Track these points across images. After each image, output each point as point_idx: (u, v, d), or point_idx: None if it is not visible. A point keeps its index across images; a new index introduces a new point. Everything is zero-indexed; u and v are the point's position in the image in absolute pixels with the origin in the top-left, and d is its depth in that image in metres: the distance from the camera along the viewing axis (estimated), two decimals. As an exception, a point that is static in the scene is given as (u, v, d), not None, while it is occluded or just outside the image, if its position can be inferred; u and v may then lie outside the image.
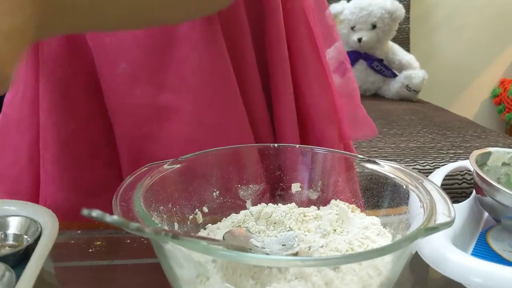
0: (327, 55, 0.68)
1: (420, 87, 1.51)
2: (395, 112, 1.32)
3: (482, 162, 0.57)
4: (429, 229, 0.36)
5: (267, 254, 0.41)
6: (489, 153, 0.57)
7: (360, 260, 0.33)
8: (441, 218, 0.38)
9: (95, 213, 0.23)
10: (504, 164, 0.58)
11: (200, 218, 0.48)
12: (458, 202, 0.97)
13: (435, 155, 0.98)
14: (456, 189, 0.93)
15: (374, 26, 1.49)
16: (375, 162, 0.48)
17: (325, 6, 0.65)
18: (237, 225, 0.47)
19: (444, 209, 0.39)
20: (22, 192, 0.65)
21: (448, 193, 0.87)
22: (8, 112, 0.67)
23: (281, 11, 0.59)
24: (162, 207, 0.44)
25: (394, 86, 1.53)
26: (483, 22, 1.92)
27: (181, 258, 0.34)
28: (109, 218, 0.23)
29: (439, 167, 0.93)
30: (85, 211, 0.23)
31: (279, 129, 0.63)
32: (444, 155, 0.98)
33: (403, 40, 1.70)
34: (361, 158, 0.49)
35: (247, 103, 0.60)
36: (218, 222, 0.47)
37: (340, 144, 0.71)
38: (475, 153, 0.55)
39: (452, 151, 1.00)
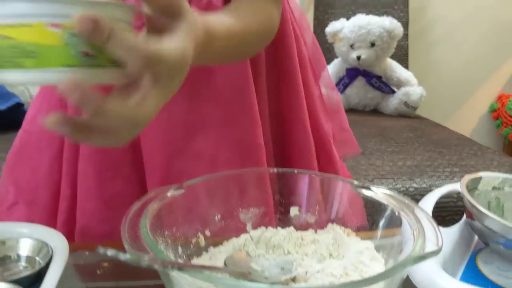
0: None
1: (418, 103, 1.53)
2: (393, 129, 1.34)
3: (473, 186, 0.59)
4: (417, 258, 0.38)
5: (266, 278, 0.43)
6: (480, 178, 0.59)
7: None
8: (429, 246, 0.40)
9: (110, 252, 0.25)
10: (494, 188, 0.60)
11: (202, 241, 0.50)
12: (454, 220, 0.99)
13: (432, 174, 1.00)
14: (452, 207, 0.95)
15: (373, 44, 1.52)
16: (369, 188, 0.51)
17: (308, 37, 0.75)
18: (237, 249, 0.49)
19: (433, 237, 0.41)
20: (39, 203, 0.68)
21: (444, 211, 0.91)
22: (30, 129, 0.69)
23: (295, 48, 0.67)
24: (167, 232, 0.47)
25: (393, 103, 1.55)
26: (481, 38, 1.95)
27: (185, 284, 0.37)
28: (122, 256, 0.26)
29: (435, 186, 0.95)
30: (101, 249, 0.25)
31: (292, 150, 0.68)
32: (440, 173, 1.01)
33: (402, 56, 1.73)
34: (357, 184, 0.52)
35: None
36: (220, 245, 0.50)
37: (342, 163, 0.76)
38: (466, 178, 0.58)
39: (448, 169, 1.02)
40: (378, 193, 0.50)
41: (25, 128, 0.70)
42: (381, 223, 0.49)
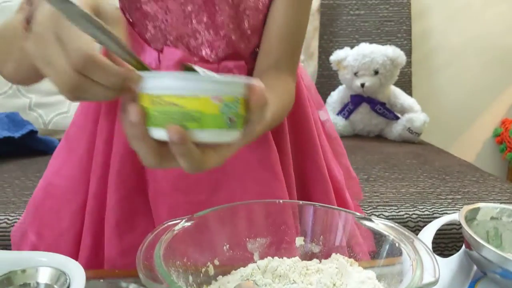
0: None
1: (421, 129, 1.56)
2: (397, 156, 1.37)
3: (471, 216, 0.61)
4: (416, 288, 0.41)
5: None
6: (478, 209, 0.62)
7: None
8: (427, 278, 0.42)
9: (132, 287, 0.28)
10: (492, 218, 0.62)
11: (211, 270, 0.53)
12: (457, 246, 1.01)
13: (434, 201, 1.02)
14: (455, 234, 0.97)
15: (376, 72, 1.55)
16: (370, 220, 0.53)
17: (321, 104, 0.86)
18: (245, 279, 0.51)
19: (431, 268, 0.44)
20: (60, 251, 0.71)
21: (447, 239, 0.94)
22: (55, 182, 0.73)
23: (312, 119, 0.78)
24: (178, 262, 0.49)
25: (397, 129, 1.58)
26: (483, 64, 1.98)
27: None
28: (143, 290, 0.28)
29: (437, 213, 0.97)
30: (123, 285, 0.28)
31: (313, 198, 0.76)
32: (443, 200, 1.03)
33: (406, 83, 1.76)
34: (359, 216, 0.54)
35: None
36: (228, 275, 0.52)
37: (355, 203, 0.85)
38: (465, 208, 0.60)
39: (451, 197, 1.04)
40: (379, 224, 0.53)
41: (49, 181, 0.74)
42: (382, 253, 0.52)
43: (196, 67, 0.44)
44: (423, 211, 0.99)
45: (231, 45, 0.72)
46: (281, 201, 0.58)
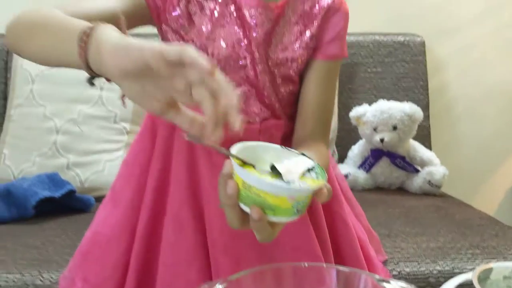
0: None
1: (441, 182, 1.60)
2: (418, 209, 1.40)
3: (485, 276, 0.65)
4: None
5: None
6: (491, 269, 0.66)
7: None
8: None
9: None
10: (505, 277, 0.66)
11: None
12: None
13: (454, 256, 1.05)
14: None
15: (395, 127, 1.61)
16: (388, 282, 0.58)
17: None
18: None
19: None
20: None
21: None
22: (101, 230, 0.80)
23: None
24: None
25: (417, 182, 1.62)
26: (501, 113, 2.02)
27: None
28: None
29: (457, 268, 1.01)
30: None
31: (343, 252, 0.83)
32: (463, 255, 1.06)
33: (424, 136, 1.81)
34: (378, 278, 0.59)
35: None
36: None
37: (378, 262, 0.92)
38: (478, 270, 0.64)
39: (470, 252, 1.07)
40: (397, 287, 0.57)
41: (95, 230, 0.81)
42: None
43: (290, 162, 0.57)
44: (443, 267, 1.02)
45: (270, 107, 0.83)
46: (306, 264, 0.63)
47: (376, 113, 1.62)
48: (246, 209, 0.54)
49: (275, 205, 0.53)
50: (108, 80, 0.55)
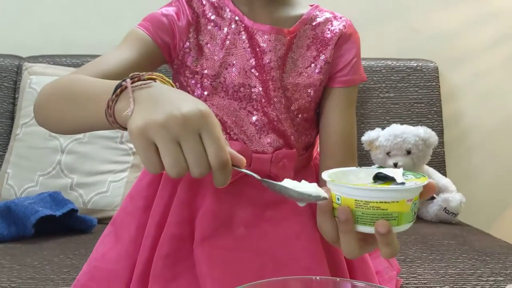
0: None
1: (458, 210, 1.53)
2: (434, 236, 1.34)
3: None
4: None
5: None
6: (522, 289, 0.60)
7: None
8: None
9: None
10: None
11: None
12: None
13: (475, 283, 0.99)
14: (499, 319, 0.92)
15: (409, 152, 1.56)
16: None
17: None
18: None
19: None
20: None
21: None
22: (100, 265, 0.76)
23: None
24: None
25: (433, 209, 1.56)
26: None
27: None
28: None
29: (479, 296, 0.94)
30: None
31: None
32: (484, 282, 0.99)
33: (439, 163, 1.76)
34: (397, 293, 0.54)
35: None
36: None
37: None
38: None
39: (492, 279, 1.01)
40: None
41: (95, 264, 0.78)
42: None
43: (386, 170, 0.56)
44: (464, 294, 0.95)
45: (284, 136, 0.80)
46: (318, 277, 0.58)
47: (390, 137, 1.58)
48: (367, 229, 0.52)
49: (397, 213, 0.51)
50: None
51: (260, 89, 0.79)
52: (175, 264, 0.73)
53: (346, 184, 0.53)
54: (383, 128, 1.66)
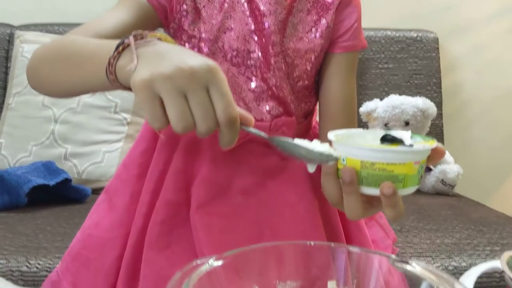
0: None
1: (455, 181, 1.52)
2: (431, 207, 1.33)
3: (513, 264, 0.58)
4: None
5: None
6: (520, 255, 0.59)
7: None
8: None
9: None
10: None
11: (241, 313, 0.51)
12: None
13: (471, 252, 0.98)
14: (495, 287, 0.92)
15: (407, 123, 1.54)
16: (407, 263, 0.51)
17: None
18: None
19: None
20: None
21: None
22: (93, 233, 0.75)
23: None
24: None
25: (430, 180, 1.55)
26: (517, 117, 1.95)
27: None
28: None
29: (475, 264, 0.93)
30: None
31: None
32: (480, 252, 0.99)
33: (437, 135, 1.74)
34: (394, 258, 0.52)
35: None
36: (258, 318, 0.51)
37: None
38: (506, 254, 0.57)
39: (489, 248, 1.00)
40: (417, 267, 0.50)
41: (88, 232, 0.76)
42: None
43: (394, 132, 0.54)
44: (459, 263, 0.95)
45: (283, 104, 0.78)
46: (312, 243, 0.57)
47: (388, 108, 1.56)
48: (372, 191, 0.51)
49: (403, 175, 0.50)
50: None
51: (260, 54, 0.77)
52: (170, 231, 0.72)
53: (353, 144, 0.51)
54: (381, 99, 1.64)
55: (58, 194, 1.29)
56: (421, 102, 1.56)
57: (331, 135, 0.53)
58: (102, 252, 0.73)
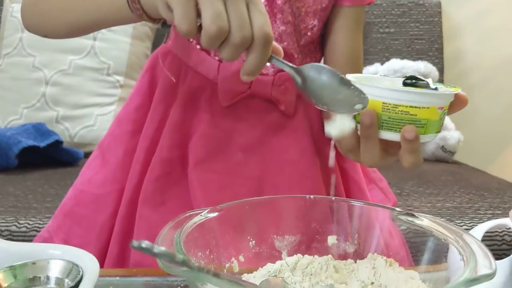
0: None
1: (455, 148, 1.50)
2: (430, 173, 1.31)
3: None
4: (470, 281, 0.36)
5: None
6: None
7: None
8: (482, 271, 0.37)
9: (144, 244, 0.24)
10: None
11: (236, 267, 0.49)
12: (503, 255, 0.93)
13: (472, 215, 0.96)
14: (496, 250, 0.90)
15: (408, 88, 1.51)
16: (413, 215, 0.49)
17: None
18: (273, 275, 0.47)
19: (485, 262, 0.39)
20: None
21: (490, 249, 0.84)
22: (87, 189, 0.73)
23: None
24: (200, 253, 0.45)
25: (430, 147, 1.52)
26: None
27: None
28: (157, 249, 0.24)
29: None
30: (134, 243, 0.24)
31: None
32: (482, 215, 0.96)
33: (438, 102, 1.71)
34: (399, 211, 0.50)
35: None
36: (254, 272, 0.48)
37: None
38: (515, 210, 0.54)
39: (490, 212, 0.98)
40: (424, 220, 0.48)
41: (81, 188, 0.74)
42: (427, 251, 0.47)
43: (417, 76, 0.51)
44: (460, 225, 0.93)
45: (287, 59, 0.72)
46: (312, 196, 0.54)
47: (389, 72, 1.52)
48: (391, 135, 0.48)
49: (426, 120, 0.47)
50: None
51: (265, 3, 0.72)
52: (166, 188, 0.70)
53: (376, 84, 0.48)
54: (382, 64, 1.60)
55: (49, 156, 1.26)
56: (423, 66, 1.52)
57: (350, 76, 0.49)
58: (95, 209, 0.71)
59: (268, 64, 0.74)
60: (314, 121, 0.77)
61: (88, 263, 0.48)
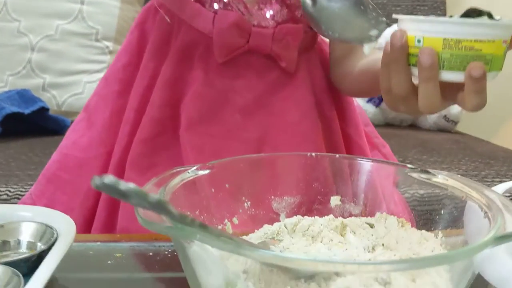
0: None
1: (459, 117, 1.45)
2: (434, 141, 1.26)
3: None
4: (499, 238, 0.31)
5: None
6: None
7: (422, 267, 0.28)
8: (511, 227, 0.32)
9: (108, 179, 0.19)
10: None
11: (229, 229, 0.44)
12: None
13: (480, 183, 0.91)
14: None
15: (410, 54, 1.45)
16: (427, 172, 0.43)
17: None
18: (270, 237, 0.42)
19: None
20: None
21: None
22: (70, 153, 0.69)
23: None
24: (188, 213, 0.40)
25: (432, 117, 1.47)
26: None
27: (209, 261, 0.29)
28: (124, 185, 0.19)
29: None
30: (96, 179, 0.19)
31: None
32: (489, 183, 0.92)
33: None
34: (412, 167, 0.44)
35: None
36: (250, 234, 0.43)
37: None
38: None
39: (498, 179, 0.94)
40: (439, 176, 0.43)
41: (65, 152, 0.70)
42: (444, 211, 0.42)
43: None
44: (468, 193, 0.88)
45: (288, 9, 0.68)
46: (313, 154, 0.48)
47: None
48: (454, 76, 0.43)
49: (491, 55, 0.42)
50: None
51: None
52: (155, 151, 0.65)
53: (433, 19, 0.43)
54: (383, 30, 1.53)
55: (34, 124, 1.20)
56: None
57: (397, 15, 0.45)
58: (79, 173, 0.68)
59: (270, 12, 0.68)
60: (317, 79, 0.72)
61: (63, 224, 0.43)
